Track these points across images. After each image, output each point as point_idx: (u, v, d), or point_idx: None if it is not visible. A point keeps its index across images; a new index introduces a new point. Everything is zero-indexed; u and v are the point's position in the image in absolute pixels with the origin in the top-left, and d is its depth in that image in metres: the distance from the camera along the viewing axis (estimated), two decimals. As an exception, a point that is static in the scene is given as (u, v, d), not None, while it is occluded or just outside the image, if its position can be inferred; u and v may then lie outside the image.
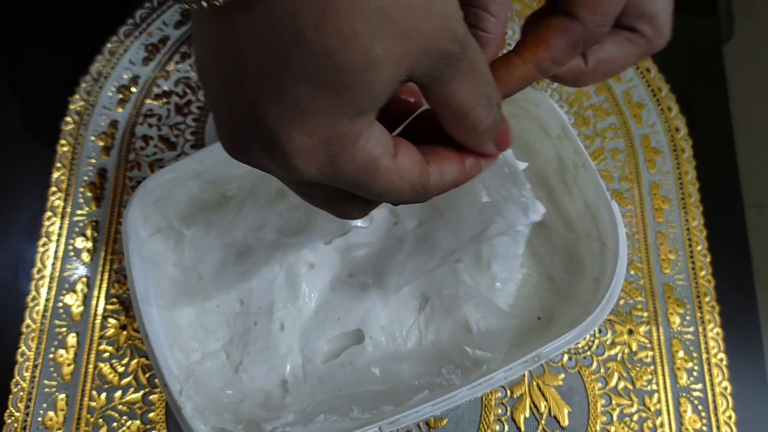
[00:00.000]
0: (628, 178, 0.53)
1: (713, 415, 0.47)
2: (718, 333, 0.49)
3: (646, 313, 0.49)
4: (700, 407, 0.47)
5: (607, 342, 0.48)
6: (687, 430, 0.47)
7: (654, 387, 0.47)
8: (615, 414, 0.47)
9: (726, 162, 0.54)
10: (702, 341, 0.49)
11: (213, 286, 0.42)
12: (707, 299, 0.50)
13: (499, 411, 0.46)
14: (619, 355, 0.48)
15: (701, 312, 0.49)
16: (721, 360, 0.48)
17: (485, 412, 0.46)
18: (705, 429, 0.47)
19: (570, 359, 0.48)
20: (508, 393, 0.47)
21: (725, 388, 0.48)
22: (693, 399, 0.47)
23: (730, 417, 0.47)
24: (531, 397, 0.47)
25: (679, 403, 0.47)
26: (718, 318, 0.49)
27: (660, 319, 0.49)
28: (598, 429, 0.46)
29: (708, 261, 0.51)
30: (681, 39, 0.57)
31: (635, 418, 0.47)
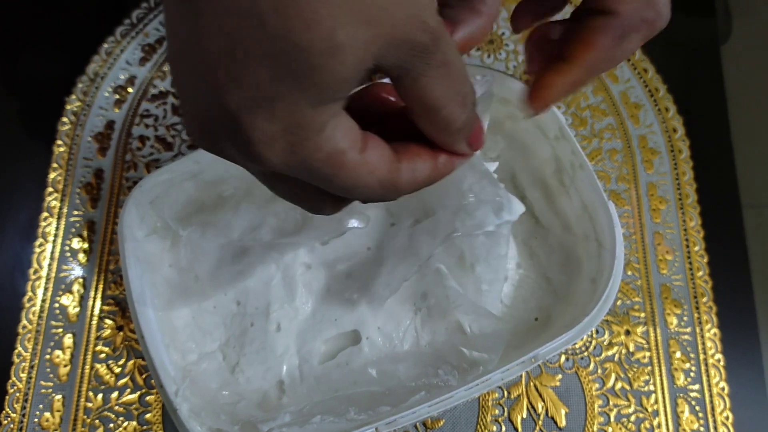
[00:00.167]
0: (625, 178, 0.53)
1: (710, 416, 0.47)
2: (715, 333, 0.49)
3: (643, 314, 0.49)
4: (697, 408, 0.47)
5: (605, 343, 0.48)
6: (684, 430, 0.47)
7: (651, 388, 0.47)
8: (612, 415, 0.47)
9: (723, 162, 0.54)
10: (699, 342, 0.49)
11: (209, 286, 0.42)
12: (704, 300, 0.50)
13: (497, 412, 0.46)
14: (617, 356, 0.48)
15: (698, 312, 0.49)
16: (719, 360, 0.48)
17: (482, 412, 0.46)
18: (702, 429, 0.47)
19: (567, 360, 0.48)
20: (505, 394, 0.47)
21: (722, 388, 0.48)
22: (690, 399, 0.47)
23: (727, 417, 0.47)
24: (528, 398, 0.47)
25: (677, 404, 0.47)
26: (715, 318, 0.49)
27: (657, 320, 0.49)
28: (595, 430, 0.46)
29: (705, 261, 0.51)
30: (679, 39, 0.58)
31: (632, 418, 0.47)
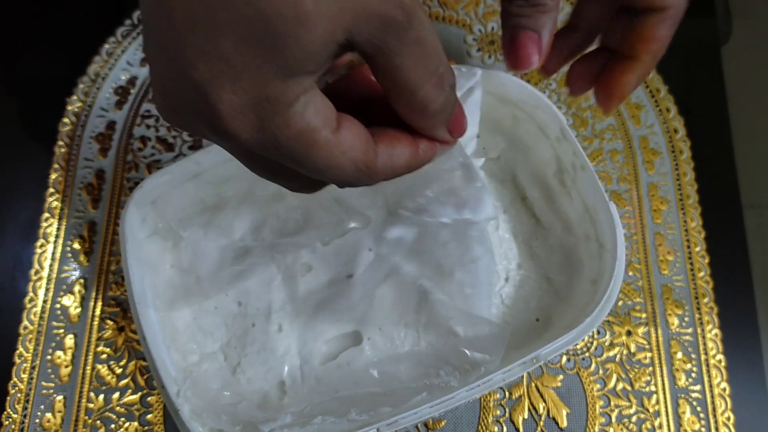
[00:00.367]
0: (626, 179, 0.53)
1: (712, 417, 0.47)
2: (716, 334, 0.49)
3: (644, 315, 0.49)
4: (698, 408, 0.47)
5: (606, 343, 0.48)
6: (686, 431, 0.47)
7: (653, 388, 0.47)
8: (614, 415, 0.47)
9: (724, 163, 0.54)
10: (700, 342, 0.49)
11: (211, 287, 0.42)
12: (706, 300, 0.50)
13: (498, 412, 0.46)
14: (618, 357, 0.48)
15: (700, 313, 0.49)
16: (720, 361, 0.48)
17: (484, 413, 0.46)
18: (704, 430, 0.47)
19: (568, 360, 0.48)
20: (506, 394, 0.47)
21: (724, 389, 0.47)
22: (691, 400, 0.47)
23: (728, 418, 0.47)
24: (529, 399, 0.46)
25: (678, 405, 0.47)
26: (716, 319, 0.49)
27: (658, 321, 0.49)
28: (596, 430, 0.46)
29: (706, 262, 0.51)
30: (679, 40, 0.57)
31: (634, 419, 0.47)
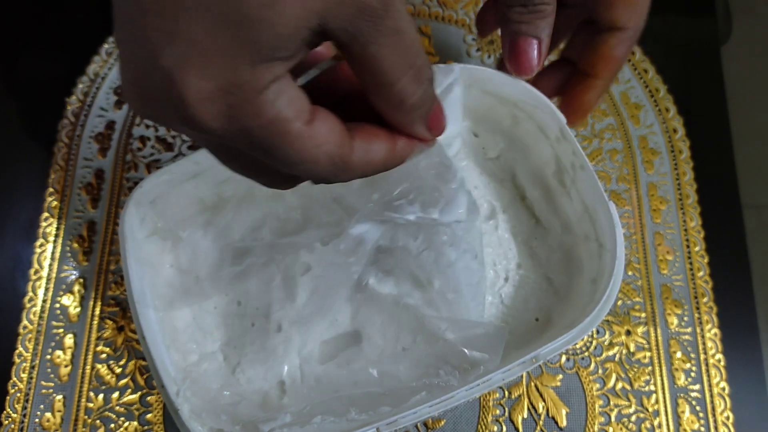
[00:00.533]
0: (625, 179, 0.53)
1: (711, 416, 0.47)
2: (715, 334, 0.49)
3: (643, 314, 0.49)
4: (698, 408, 0.47)
5: (605, 343, 0.48)
6: (685, 430, 0.47)
7: (652, 388, 0.47)
8: (613, 415, 0.47)
9: (724, 163, 0.54)
10: (700, 342, 0.49)
11: (210, 287, 0.42)
12: (705, 300, 0.50)
13: (497, 412, 0.46)
14: (617, 356, 0.48)
15: (699, 313, 0.49)
16: (719, 361, 0.48)
17: (483, 413, 0.46)
18: (703, 429, 0.47)
19: (568, 360, 0.48)
20: (506, 394, 0.47)
21: (723, 388, 0.48)
22: (691, 399, 0.47)
23: (728, 417, 0.47)
24: (529, 398, 0.47)
25: (677, 404, 0.47)
26: (715, 319, 0.49)
27: (658, 320, 0.49)
28: (596, 430, 0.46)
29: (706, 262, 0.51)
30: (679, 40, 0.58)
31: (633, 418, 0.47)
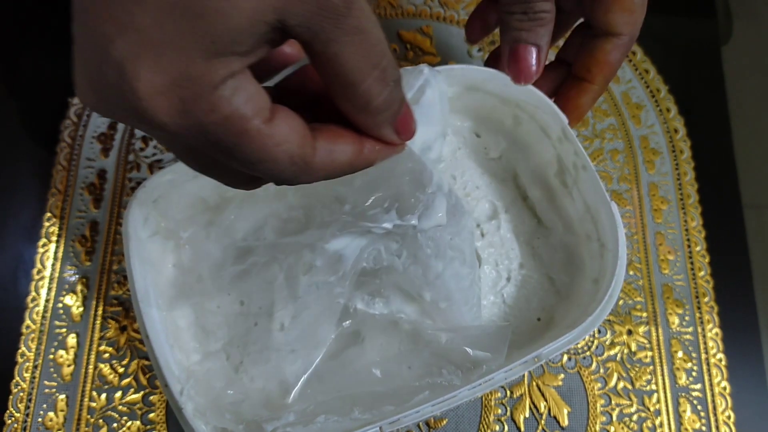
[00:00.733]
0: (627, 179, 0.53)
1: (712, 415, 0.47)
2: (717, 333, 0.49)
3: (645, 314, 0.49)
4: (699, 407, 0.47)
5: (607, 342, 0.48)
6: (686, 429, 0.47)
7: (653, 387, 0.47)
8: (614, 414, 0.47)
9: (725, 163, 0.54)
10: (701, 341, 0.49)
11: (213, 287, 0.42)
12: (706, 299, 0.50)
13: (499, 411, 0.46)
14: (619, 356, 0.48)
15: (700, 312, 0.49)
16: (720, 360, 0.48)
17: (485, 412, 0.46)
18: (704, 429, 0.47)
19: (569, 359, 0.48)
20: (507, 393, 0.47)
21: (724, 388, 0.48)
22: (692, 399, 0.47)
23: (729, 417, 0.47)
24: (531, 398, 0.47)
25: (679, 403, 0.47)
26: (716, 318, 0.49)
27: (659, 320, 0.49)
28: (597, 429, 0.46)
29: (707, 261, 0.51)
30: (680, 40, 0.58)
31: (635, 418, 0.47)
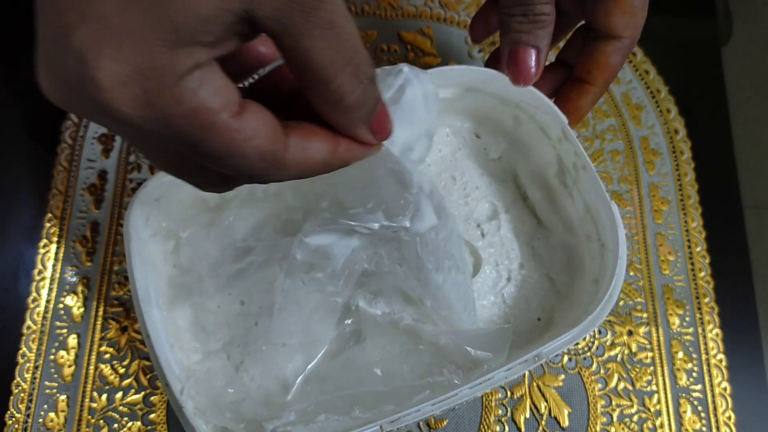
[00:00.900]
0: (627, 179, 0.53)
1: (713, 416, 0.47)
2: (717, 334, 0.49)
3: (645, 314, 0.49)
4: (699, 408, 0.47)
5: (607, 343, 0.48)
6: (687, 430, 0.47)
7: (654, 388, 0.47)
8: (615, 415, 0.47)
9: (725, 164, 0.54)
10: (701, 342, 0.49)
11: (213, 287, 0.42)
12: (706, 300, 0.50)
13: (500, 412, 0.46)
14: (619, 356, 0.48)
15: (701, 313, 0.49)
16: (721, 361, 0.48)
17: (485, 412, 0.46)
18: (705, 429, 0.47)
19: (570, 360, 0.48)
20: (508, 394, 0.47)
21: (725, 388, 0.48)
22: (693, 400, 0.47)
23: (729, 417, 0.47)
24: (531, 398, 0.47)
25: (679, 404, 0.47)
26: (717, 319, 0.49)
27: (659, 320, 0.49)
28: (598, 430, 0.46)
29: (707, 262, 0.51)
30: (680, 41, 0.58)
31: (635, 418, 0.47)
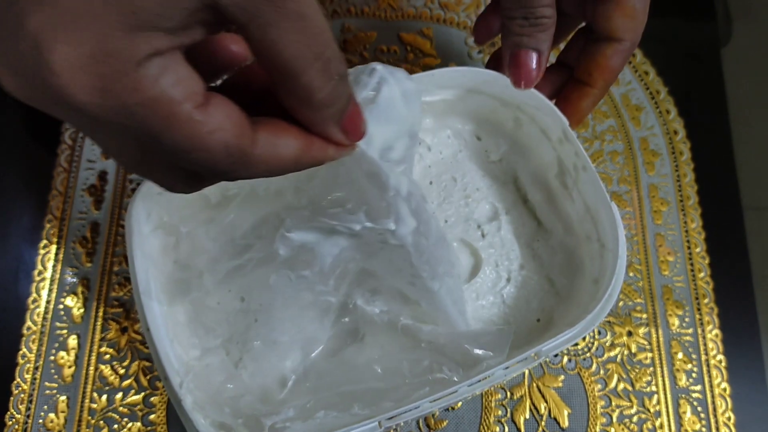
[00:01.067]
0: (626, 180, 0.53)
1: (712, 417, 0.47)
2: (716, 335, 0.49)
3: (645, 315, 0.49)
4: (699, 408, 0.47)
5: (607, 344, 0.48)
6: (686, 431, 0.47)
7: (653, 388, 0.47)
8: (615, 415, 0.47)
9: (724, 164, 0.54)
10: (701, 343, 0.49)
11: (213, 283, 0.42)
12: (706, 301, 0.50)
13: (499, 412, 0.46)
14: (619, 357, 0.48)
15: (700, 314, 0.49)
16: (720, 361, 0.48)
17: (485, 413, 0.46)
18: (704, 430, 0.47)
19: (569, 361, 0.48)
20: (507, 394, 0.47)
21: (724, 389, 0.48)
22: (692, 400, 0.47)
23: (729, 418, 0.47)
24: (531, 399, 0.47)
25: (679, 405, 0.47)
26: (716, 320, 0.49)
27: (659, 321, 0.49)
28: (597, 430, 0.46)
29: (707, 263, 0.51)
30: (679, 42, 0.58)
31: (635, 419, 0.47)
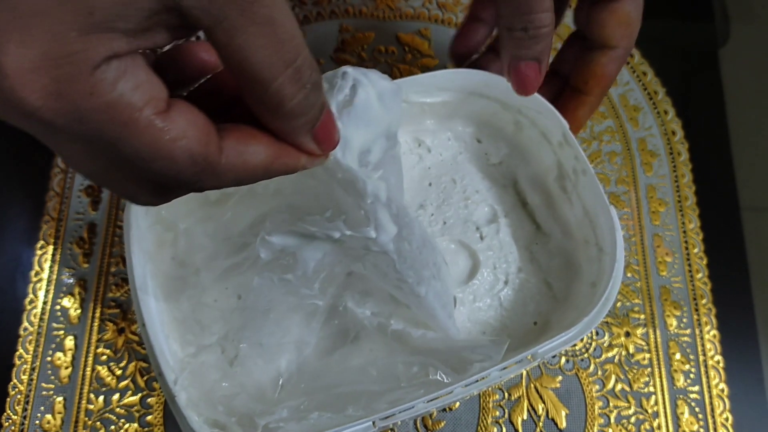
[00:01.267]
0: (624, 181, 0.53)
1: (710, 417, 0.47)
2: (714, 335, 0.49)
3: (643, 316, 0.49)
4: (697, 409, 0.47)
5: (605, 344, 0.48)
6: (684, 431, 0.47)
7: (651, 389, 0.47)
8: (612, 416, 0.47)
9: (722, 165, 0.54)
10: (699, 343, 0.49)
11: (210, 280, 0.42)
12: (704, 302, 0.50)
13: (497, 413, 0.46)
14: (617, 358, 0.48)
15: (698, 314, 0.49)
16: (718, 362, 0.48)
17: (483, 414, 0.46)
18: (702, 431, 0.47)
19: (567, 361, 0.48)
20: (505, 395, 0.47)
21: (722, 390, 0.48)
22: (690, 401, 0.47)
23: (726, 419, 0.47)
24: (528, 400, 0.47)
25: (677, 405, 0.47)
26: (714, 320, 0.49)
27: (657, 322, 0.49)
28: (595, 431, 0.46)
29: (704, 263, 0.51)
30: (677, 43, 0.58)
31: (633, 420, 0.47)
